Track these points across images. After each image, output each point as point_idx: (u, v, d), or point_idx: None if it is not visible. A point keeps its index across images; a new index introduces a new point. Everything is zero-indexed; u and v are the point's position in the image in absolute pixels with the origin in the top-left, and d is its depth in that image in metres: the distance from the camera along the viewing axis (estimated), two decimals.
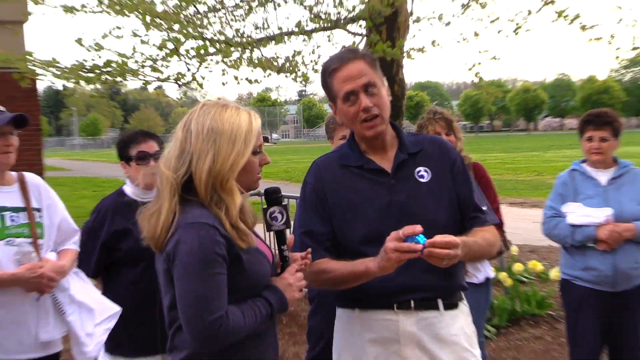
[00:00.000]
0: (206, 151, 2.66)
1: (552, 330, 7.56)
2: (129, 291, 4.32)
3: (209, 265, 2.58)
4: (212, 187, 2.68)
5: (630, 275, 4.97)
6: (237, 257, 2.66)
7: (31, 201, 4.06)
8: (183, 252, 2.59)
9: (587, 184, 5.13)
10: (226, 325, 2.56)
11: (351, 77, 3.01)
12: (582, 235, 4.94)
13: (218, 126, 2.69)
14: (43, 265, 3.88)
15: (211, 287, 2.58)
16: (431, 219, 2.98)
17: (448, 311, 3.09)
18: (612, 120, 5.11)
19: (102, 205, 4.51)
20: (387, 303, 3.02)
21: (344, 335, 3.19)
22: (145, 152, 4.38)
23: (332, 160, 3.21)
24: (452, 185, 3.20)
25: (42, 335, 3.94)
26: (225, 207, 2.68)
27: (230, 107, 2.78)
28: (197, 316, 2.56)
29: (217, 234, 2.61)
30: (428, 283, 3.01)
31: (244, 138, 2.71)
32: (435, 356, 3.02)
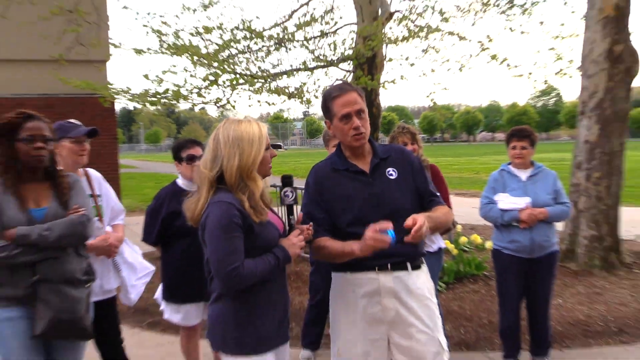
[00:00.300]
0: (234, 153, 2.77)
1: (486, 286, 7.59)
2: (180, 256, 4.44)
3: (227, 231, 2.71)
4: (240, 178, 2.78)
5: (543, 246, 5.01)
6: (250, 228, 2.76)
7: (95, 188, 4.11)
8: (209, 222, 2.75)
9: (512, 180, 5.18)
10: (241, 272, 2.68)
11: (348, 104, 3.06)
12: (508, 216, 4.99)
13: (238, 135, 2.80)
14: (109, 237, 4.01)
15: (229, 246, 2.70)
16: (399, 205, 3.10)
17: (414, 271, 3.13)
18: (530, 134, 5.19)
19: (161, 192, 4.63)
20: (370, 266, 3.05)
21: (339, 292, 3.19)
22: (193, 155, 4.50)
23: (326, 166, 3.23)
24: (413, 181, 3.23)
25: (105, 285, 4.06)
26: (249, 192, 2.78)
27: (244, 120, 2.89)
28: (220, 267, 2.70)
29: (234, 209, 2.72)
30: (399, 251, 3.02)
31: (259, 140, 2.82)
32: (406, 303, 3.06)
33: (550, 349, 5.38)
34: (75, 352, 3.31)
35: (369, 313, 3.11)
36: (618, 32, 8.46)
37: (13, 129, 3.11)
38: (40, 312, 3.03)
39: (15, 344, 3.04)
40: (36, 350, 3.11)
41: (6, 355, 3.05)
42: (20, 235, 3.00)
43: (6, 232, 3.01)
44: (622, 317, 6.54)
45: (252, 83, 8.76)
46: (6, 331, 3.04)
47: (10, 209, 3.05)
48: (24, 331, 3.05)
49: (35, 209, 3.13)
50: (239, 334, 2.83)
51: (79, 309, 3.15)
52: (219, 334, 2.89)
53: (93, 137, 4.07)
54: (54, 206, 3.19)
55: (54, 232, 3.06)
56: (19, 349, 3.05)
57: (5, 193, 3.07)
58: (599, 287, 7.65)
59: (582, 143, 8.74)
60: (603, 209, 8.54)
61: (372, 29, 8.83)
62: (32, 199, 3.16)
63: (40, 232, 3.03)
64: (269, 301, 2.89)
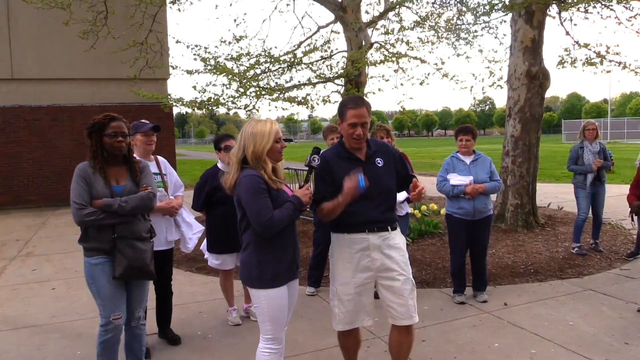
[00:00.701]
0: (250, 143, 2.80)
1: (440, 241, 7.56)
2: (219, 218, 4.48)
3: (258, 193, 2.72)
4: (256, 159, 2.80)
5: (482, 211, 5.02)
6: (270, 192, 2.76)
7: (162, 169, 4.21)
8: (244, 190, 2.75)
9: (459, 163, 5.14)
10: (273, 220, 2.70)
11: (357, 116, 3.01)
12: (457, 190, 4.99)
13: (254, 131, 2.82)
14: (172, 202, 4.13)
15: (261, 204, 2.71)
16: (386, 186, 3.12)
17: (393, 232, 3.14)
18: (472, 130, 5.22)
19: (206, 173, 4.67)
20: (362, 229, 3.05)
21: (338, 248, 3.14)
22: (228, 145, 4.53)
23: (333, 154, 3.15)
24: (394, 167, 3.20)
25: (168, 237, 4.15)
26: (263, 169, 2.79)
27: (262, 120, 2.90)
28: (258, 219, 2.71)
29: (260, 178, 2.75)
30: (383, 218, 3.08)
31: (268, 135, 2.81)
32: (388, 254, 3.07)
33: (487, 285, 5.38)
34: (143, 288, 3.39)
35: (361, 264, 3.09)
36: (534, 57, 8.46)
37: (101, 127, 3.20)
38: (119, 260, 3.13)
39: (104, 281, 3.14)
40: (119, 285, 3.21)
41: (98, 289, 3.16)
42: (106, 204, 3.10)
43: (95, 202, 3.10)
44: (537, 262, 6.51)
45: (271, 94, 8.69)
46: (97, 272, 3.14)
47: (99, 185, 3.14)
48: (109, 273, 3.15)
49: (116, 185, 3.21)
50: (260, 272, 2.83)
51: (145, 258, 3.23)
52: (247, 273, 2.89)
53: (158, 131, 4.17)
54: (130, 184, 3.26)
55: (129, 204, 3.15)
56: (107, 285, 3.15)
57: (95, 173, 3.16)
58: (521, 241, 7.61)
59: (509, 137, 8.74)
60: (524, 184, 8.53)
61: (358, 55, 8.82)
62: (113, 178, 3.23)
63: (120, 203, 3.12)
64: (281, 248, 2.86)
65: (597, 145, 6.80)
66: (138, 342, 3.43)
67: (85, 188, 3.09)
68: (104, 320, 3.17)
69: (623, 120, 53.27)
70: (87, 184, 3.10)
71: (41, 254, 7.89)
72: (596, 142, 6.83)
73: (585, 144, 6.82)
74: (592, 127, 6.84)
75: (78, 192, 3.07)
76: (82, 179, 3.11)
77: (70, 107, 13.09)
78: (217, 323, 4.77)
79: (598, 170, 6.72)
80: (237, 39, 9.30)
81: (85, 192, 3.08)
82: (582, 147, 6.83)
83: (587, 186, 6.77)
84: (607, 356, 3.83)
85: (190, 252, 4.78)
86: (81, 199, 3.06)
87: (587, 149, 6.78)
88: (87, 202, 3.07)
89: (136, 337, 3.42)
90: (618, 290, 5.41)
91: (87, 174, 3.13)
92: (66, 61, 13.34)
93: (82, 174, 3.12)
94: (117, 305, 3.18)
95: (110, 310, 3.15)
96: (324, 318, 4.74)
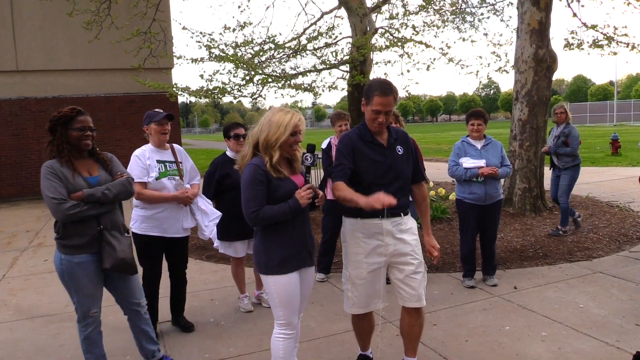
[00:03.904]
0: (265, 130, 2.80)
1: (449, 226, 7.57)
2: (230, 204, 4.43)
3: (252, 184, 2.74)
4: (266, 146, 2.79)
5: (492, 196, 5.03)
6: (269, 181, 2.76)
7: (178, 157, 4.17)
8: (243, 177, 2.79)
9: (470, 148, 5.12)
10: (258, 214, 2.72)
11: (383, 104, 2.99)
12: (470, 173, 4.97)
13: (272, 120, 2.80)
14: (188, 190, 4.09)
15: (252, 194, 2.74)
16: (403, 173, 3.13)
17: (404, 217, 3.14)
18: (484, 114, 5.19)
19: (215, 161, 4.67)
20: (375, 214, 3.01)
21: (351, 233, 3.14)
22: (237, 133, 4.59)
23: (356, 136, 3.13)
24: (411, 157, 3.21)
25: (184, 224, 4.13)
26: (270, 156, 2.78)
27: (284, 110, 2.86)
28: (245, 208, 2.75)
29: (260, 169, 2.75)
30: (398, 204, 2.93)
31: (285, 127, 2.78)
32: (401, 238, 3.09)
33: (496, 269, 5.40)
34: (127, 281, 3.30)
35: (374, 249, 3.10)
36: (541, 40, 8.39)
37: (68, 120, 3.08)
38: (107, 252, 3.06)
39: (85, 280, 3.08)
40: (98, 283, 3.16)
41: (77, 287, 3.09)
42: (88, 194, 3.00)
43: (73, 195, 2.98)
44: (546, 245, 6.52)
45: (277, 81, 8.70)
46: (78, 271, 3.06)
47: (73, 178, 3.03)
48: (91, 270, 3.08)
49: (90, 177, 3.13)
50: (267, 258, 2.85)
51: (130, 251, 3.19)
52: (256, 259, 2.92)
53: (171, 120, 4.14)
54: (103, 174, 3.19)
55: (112, 191, 3.09)
56: (88, 283, 3.09)
57: (65, 168, 3.04)
58: (529, 225, 7.60)
59: (517, 121, 8.69)
60: (532, 168, 8.50)
61: (363, 40, 8.81)
62: (85, 170, 3.14)
63: (103, 191, 3.05)
64: (289, 235, 2.85)
65: (559, 128, 6.96)
66: (147, 324, 3.45)
67: (60, 183, 2.96)
68: (82, 316, 3.14)
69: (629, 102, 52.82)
70: (59, 179, 2.97)
71: (52, 244, 7.93)
72: (562, 125, 6.95)
73: (553, 127, 7.08)
74: (560, 110, 6.97)
75: (54, 188, 2.93)
76: (53, 175, 2.97)
77: (75, 98, 13.09)
78: (229, 310, 4.81)
79: (557, 155, 6.93)
80: (241, 26, 9.28)
81: (61, 187, 2.96)
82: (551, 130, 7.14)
83: (549, 168, 7.12)
84: (618, 337, 3.85)
85: (201, 241, 4.80)
86: (59, 194, 2.93)
87: (552, 132, 7.06)
88: (65, 196, 2.95)
89: (145, 321, 3.43)
90: (627, 272, 5.41)
91: (57, 169, 3.00)
92: (70, 52, 13.35)
93: (52, 170, 2.99)
94: (95, 303, 3.16)
95: (88, 308, 3.13)
96: (335, 304, 4.78)
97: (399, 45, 8.96)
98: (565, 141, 6.85)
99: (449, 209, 8.21)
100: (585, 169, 14.59)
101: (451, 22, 10.89)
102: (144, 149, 4.05)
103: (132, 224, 3.98)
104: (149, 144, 4.10)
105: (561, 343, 3.80)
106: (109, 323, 4.12)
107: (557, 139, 6.89)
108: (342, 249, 3.26)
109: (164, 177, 3.99)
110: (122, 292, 3.29)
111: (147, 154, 4.00)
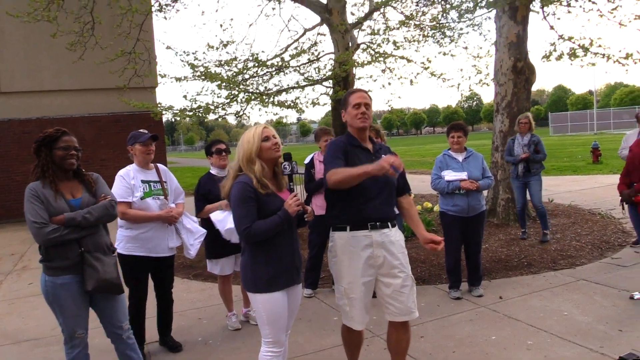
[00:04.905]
0: (241, 150, 2.88)
1: None
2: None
3: (241, 201, 2.76)
4: (247, 162, 2.84)
5: (475, 208, 5.07)
6: (258, 198, 2.77)
7: (162, 177, 4.19)
8: (232, 196, 2.80)
9: (452, 161, 5.18)
10: (250, 230, 2.72)
11: (360, 98, 3.11)
12: (452, 186, 5.01)
13: (243, 139, 2.90)
14: (173, 210, 4.10)
15: (244, 212, 2.75)
16: (391, 182, 3.16)
17: (392, 228, 3.16)
18: (464, 127, 5.23)
19: (201, 179, 4.66)
20: (365, 226, 3.07)
21: (342, 247, 3.13)
22: (219, 148, 4.65)
23: (346, 142, 3.17)
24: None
25: (170, 244, 4.13)
26: (253, 171, 2.81)
27: (249, 128, 2.96)
28: (237, 226, 2.77)
29: (248, 186, 2.77)
30: (385, 216, 3.12)
31: (252, 138, 2.86)
32: (390, 250, 3.10)
33: (481, 280, 5.44)
34: (117, 300, 3.27)
35: (367, 261, 3.10)
36: (519, 52, 8.56)
37: (52, 140, 3.07)
38: (89, 274, 3.03)
39: (69, 301, 3.05)
40: (83, 304, 3.13)
41: (62, 308, 3.06)
42: (68, 218, 2.98)
43: (54, 219, 2.96)
44: (530, 255, 6.59)
45: (261, 99, 8.70)
46: (61, 292, 3.04)
47: (55, 201, 3.01)
48: (74, 291, 3.05)
49: (72, 199, 3.10)
50: (255, 276, 2.84)
51: (113, 271, 3.15)
52: (244, 276, 2.90)
53: (156, 140, 4.19)
54: (86, 196, 3.16)
55: (93, 215, 3.06)
56: (71, 304, 3.07)
57: (48, 190, 3.03)
58: (514, 235, 7.69)
59: (498, 132, 8.83)
60: None
61: (345, 56, 8.86)
62: (68, 192, 3.11)
63: (84, 215, 3.02)
64: (277, 254, 2.84)
65: (527, 137, 7.21)
66: (134, 350, 3.38)
67: (42, 206, 2.95)
68: (68, 338, 3.12)
69: (609, 110, 53.67)
70: (42, 202, 2.96)
71: (36, 267, 7.85)
72: (528, 134, 7.23)
73: (517, 136, 7.31)
74: (524, 120, 7.26)
75: (35, 212, 2.93)
76: (35, 198, 2.96)
77: (60, 119, 12.99)
78: (217, 329, 4.79)
79: (528, 162, 7.14)
80: (224, 44, 9.32)
81: (42, 210, 2.94)
82: (514, 140, 7.32)
83: (517, 175, 7.26)
84: (602, 344, 3.89)
85: (188, 260, 4.78)
86: (40, 217, 2.92)
87: (517, 141, 7.27)
88: (47, 220, 2.93)
89: (130, 346, 3.37)
90: (610, 279, 5.48)
91: (39, 192, 2.99)
92: (55, 73, 13.30)
93: (35, 193, 2.97)
94: (81, 324, 3.13)
95: (73, 329, 3.10)
96: (323, 319, 4.78)
97: (380, 60, 9.05)
98: (536, 149, 7.16)
99: (434, 221, 8.24)
100: (567, 177, 14.82)
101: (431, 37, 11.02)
102: (129, 169, 4.06)
103: (117, 244, 3.96)
104: (133, 164, 4.11)
105: (547, 351, 3.84)
106: (96, 345, 4.07)
107: (529, 147, 7.13)
108: (331, 265, 3.25)
109: (148, 197, 4.00)
110: (106, 313, 3.25)
111: (132, 173, 4.01)
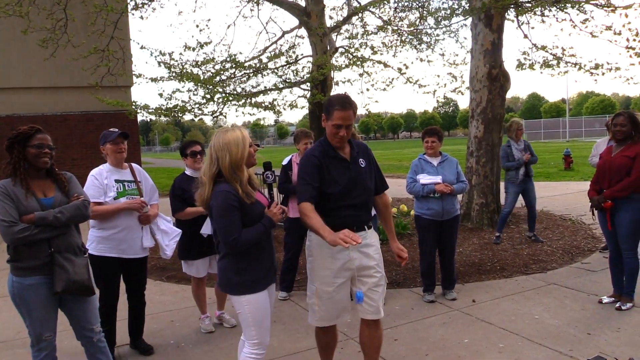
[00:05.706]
0: (226, 154, 2.78)
1: (409, 242, 7.62)
2: (190, 224, 4.46)
3: (227, 211, 2.72)
4: (233, 170, 2.78)
5: (450, 212, 5.11)
6: (243, 207, 2.76)
7: (137, 177, 4.14)
8: (214, 205, 2.75)
9: (427, 165, 5.21)
10: (239, 240, 2.71)
11: (343, 118, 3.03)
12: (427, 189, 5.05)
13: (227, 140, 2.79)
14: (149, 211, 4.07)
15: (229, 222, 2.72)
16: (368, 187, 3.19)
17: (369, 231, 3.20)
18: (438, 132, 5.28)
19: (176, 180, 4.64)
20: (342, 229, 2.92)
21: (318, 248, 3.15)
22: (194, 151, 4.59)
23: (319, 152, 3.14)
24: (372, 169, 3.28)
25: (144, 244, 4.08)
26: (239, 180, 2.78)
27: (230, 129, 2.87)
28: (224, 237, 2.73)
29: (232, 195, 2.73)
30: (363, 218, 3.16)
31: (242, 141, 2.81)
32: (366, 252, 3.14)
33: (455, 283, 5.49)
34: (88, 302, 3.20)
35: (341, 263, 3.12)
36: (494, 60, 8.69)
37: (26, 138, 3.01)
38: (59, 275, 2.96)
39: (36, 302, 2.99)
40: (51, 306, 3.06)
41: (29, 310, 3.00)
42: (39, 217, 2.92)
43: (25, 218, 2.90)
44: (503, 259, 6.68)
45: (238, 100, 8.68)
46: (29, 293, 2.98)
47: (25, 200, 2.95)
48: (42, 293, 2.99)
49: (44, 198, 3.04)
50: (240, 279, 2.84)
51: (84, 272, 3.08)
52: (226, 280, 2.90)
53: (127, 138, 4.10)
54: (59, 195, 3.10)
55: (65, 215, 3.00)
56: (39, 306, 3.00)
57: (18, 187, 2.97)
58: (487, 239, 7.78)
59: (473, 138, 8.93)
60: (488, 184, 8.74)
61: (323, 59, 8.92)
62: (40, 191, 3.06)
63: (55, 214, 2.97)
64: (258, 256, 2.88)
65: (522, 142, 7.56)
66: (104, 353, 3.31)
67: (12, 204, 2.89)
68: (35, 340, 3.04)
69: (581, 119, 54.91)
70: (12, 200, 2.90)
71: (2, 268, 7.64)
72: (521, 140, 7.59)
73: (512, 142, 7.55)
74: (522, 128, 7.68)
75: (5, 210, 2.86)
76: (5, 197, 2.89)
77: (30, 117, 12.75)
78: (190, 331, 4.73)
79: (526, 165, 7.42)
80: (201, 45, 9.27)
81: (12, 209, 2.88)
82: (510, 146, 7.54)
83: (518, 180, 7.45)
84: (571, 347, 3.97)
85: (161, 261, 4.72)
86: (9, 216, 2.85)
87: (514, 147, 7.51)
88: (16, 219, 2.87)
89: (101, 349, 3.30)
90: (580, 283, 5.59)
91: (10, 190, 2.93)
92: (25, 70, 13.04)
93: (5, 191, 2.91)
94: (49, 326, 3.06)
95: (41, 332, 3.02)
96: (297, 322, 4.77)
97: (358, 64, 9.11)
98: (531, 152, 7.51)
99: (409, 224, 8.30)
100: (540, 183, 15.07)
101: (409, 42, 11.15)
102: (102, 168, 4.00)
103: (88, 244, 3.88)
104: (106, 164, 4.05)
105: (518, 354, 3.90)
106: (64, 348, 3.98)
107: (524, 151, 7.46)
108: (307, 264, 3.27)
109: (122, 197, 3.93)
110: (76, 315, 3.18)
111: (105, 173, 3.95)
